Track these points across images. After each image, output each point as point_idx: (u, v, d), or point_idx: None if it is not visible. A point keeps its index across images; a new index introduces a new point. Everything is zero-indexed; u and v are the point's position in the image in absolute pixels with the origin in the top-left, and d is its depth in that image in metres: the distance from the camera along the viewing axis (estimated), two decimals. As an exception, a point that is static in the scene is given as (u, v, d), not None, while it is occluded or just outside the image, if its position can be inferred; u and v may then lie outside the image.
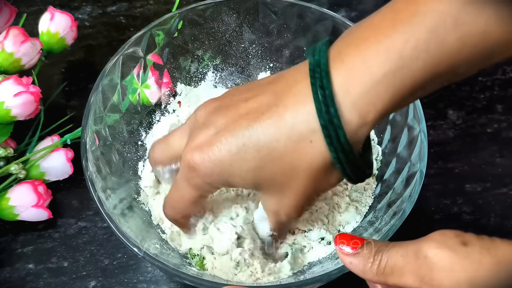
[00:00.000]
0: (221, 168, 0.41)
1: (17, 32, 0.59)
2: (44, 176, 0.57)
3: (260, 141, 0.39)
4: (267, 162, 0.40)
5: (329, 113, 0.37)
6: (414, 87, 0.37)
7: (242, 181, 0.41)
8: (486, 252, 0.34)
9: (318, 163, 0.39)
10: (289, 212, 0.43)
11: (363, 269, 0.38)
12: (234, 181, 0.41)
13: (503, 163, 0.62)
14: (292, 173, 0.40)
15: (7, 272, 0.56)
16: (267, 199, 0.43)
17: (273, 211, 0.44)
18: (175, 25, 0.56)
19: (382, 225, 0.49)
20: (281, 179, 0.41)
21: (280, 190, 0.41)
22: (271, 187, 0.41)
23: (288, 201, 0.42)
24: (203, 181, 0.42)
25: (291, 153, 0.39)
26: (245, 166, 0.40)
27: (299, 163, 0.39)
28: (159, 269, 0.48)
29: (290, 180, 0.40)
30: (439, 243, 0.35)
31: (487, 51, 0.36)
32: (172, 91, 0.60)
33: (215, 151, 0.40)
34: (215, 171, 0.41)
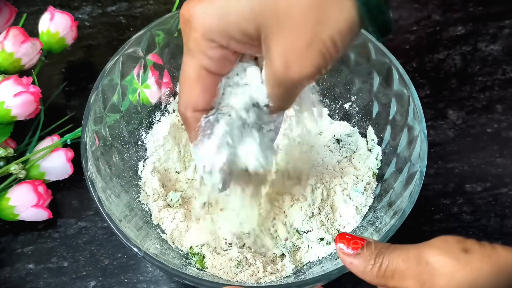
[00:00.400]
0: (217, 9, 0.35)
1: (17, 32, 0.59)
2: (44, 176, 0.57)
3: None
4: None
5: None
6: None
7: (241, 19, 0.35)
8: (487, 260, 0.34)
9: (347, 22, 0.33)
10: (292, 59, 0.35)
11: (363, 270, 0.38)
12: (233, 21, 0.35)
13: (503, 163, 0.62)
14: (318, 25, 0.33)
15: (7, 272, 0.56)
16: (269, 47, 0.35)
17: (274, 60, 0.36)
18: (175, 25, 0.56)
19: (382, 225, 0.49)
20: (284, 8, 0.34)
21: (282, 27, 0.34)
22: (273, 25, 0.34)
23: (290, 41, 0.34)
24: (200, 35, 0.36)
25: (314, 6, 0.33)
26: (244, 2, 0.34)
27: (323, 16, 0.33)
28: (159, 269, 0.48)
29: (293, 7, 0.34)
30: (441, 250, 0.35)
31: None
32: (172, 91, 0.60)
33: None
34: (210, 14, 0.36)
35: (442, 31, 0.70)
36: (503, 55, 0.68)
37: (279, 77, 0.36)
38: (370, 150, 0.57)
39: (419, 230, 0.58)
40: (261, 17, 0.35)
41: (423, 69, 0.67)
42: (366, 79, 0.56)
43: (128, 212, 0.51)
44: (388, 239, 0.45)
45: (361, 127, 0.58)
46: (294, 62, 0.35)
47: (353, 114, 0.59)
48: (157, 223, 0.53)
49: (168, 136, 0.58)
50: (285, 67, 0.35)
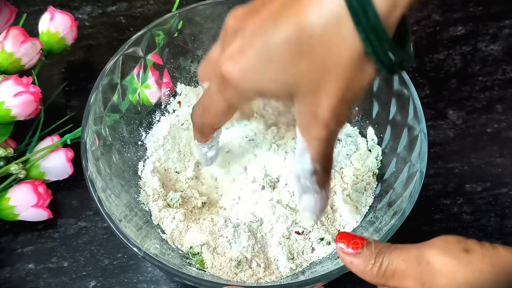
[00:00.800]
0: (252, 73, 0.38)
1: (17, 32, 0.59)
2: (44, 176, 0.57)
3: (288, 38, 0.36)
4: (297, 58, 0.36)
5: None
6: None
7: (274, 84, 0.38)
8: (488, 261, 0.34)
9: (349, 51, 0.35)
10: (327, 116, 0.38)
11: (363, 269, 0.38)
12: (266, 86, 0.38)
13: (503, 163, 0.62)
14: (324, 66, 0.36)
15: (7, 272, 0.56)
16: (301, 105, 0.39)
17: (310, 119, 0.39)
18: (175, 25, 0.56)
19: (382, 225, 0.49)
20: (313, 75, 0.37)
21: (313, 90, 0.37)
22: (303, 88, 0.38)
23: (324, 102, 0.37)
24: (235, 92, 0.40)
25: (320, 45, 0.36)
26: (275, 67, 0.37)
27: (330, 54, 0.36)
28: (159, 269, 0.48)
29: (323, 75, 0.37)
30: (442, 250, 0.35)
31: None
32: (172, 91, 0.60)
33: (245, 57, 0.38)
34: (246, 78, 0.39)
35: (442, 31, 0.70)
36: (503, 55, 0.68)
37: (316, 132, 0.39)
38: (370, 150, 0.57)
39: (419, 230, 0.58)
40: (293, 88, 0.38)
41: (423, 69, 0.67)
42: (366, 79, 0.56)
43: (128, 212, 0.51)
44: (388, 239, 0.45)
45: (361, 127, 0.58)
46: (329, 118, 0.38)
47: (353, 114, 0.59)
48: (157, 223, 0.53)
49: (168, 136, 0.58)
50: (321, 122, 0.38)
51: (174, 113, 0.60)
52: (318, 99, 0.38)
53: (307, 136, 0.40)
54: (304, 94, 0.38)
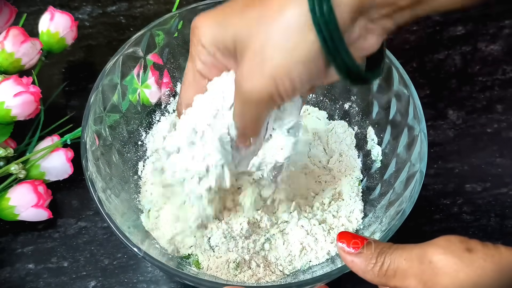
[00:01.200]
0: (216, 22, 0.40)
1: (17, 32, 0.59)
2: (44, 176, 0.57)
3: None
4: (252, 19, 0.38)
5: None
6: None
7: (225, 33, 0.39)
8: (490, 260, 0.34)
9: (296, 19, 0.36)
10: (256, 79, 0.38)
11: (364, 269, 0.38)
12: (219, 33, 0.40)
13: (503, 163, 0.62)
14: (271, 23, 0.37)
15: (7, 272, 0.56)
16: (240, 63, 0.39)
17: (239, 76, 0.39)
18: (175, 25, 0.56)
19: (382, 225, 0.49)
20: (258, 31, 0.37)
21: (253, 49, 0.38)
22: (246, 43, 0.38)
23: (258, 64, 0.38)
24: (198, 41, 0.42)
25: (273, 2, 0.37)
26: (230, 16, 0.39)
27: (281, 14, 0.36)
28: (159, 269, 0.48)
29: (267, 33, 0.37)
30: (444, 249, 0.35)
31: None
32: (172, 91, 0.60)
33: (213, 11, 0.41)
34: (207, 23, 0.41)
35: (442, 31, 0.70)
36: (503, 55, 0.68)
37: (237, 90, 0.40)
38: (370, 151, 0.57)
39: (419, 230, 0.58)
40: (239, 39, 0.39)
41: (423, 69, 0.67)
42: (366, 79, 0.56)
43: (128, 212, 0.51)
44: (388, 239, 0.45)
45: (361, 127, 0.58)
46: (247, 76, 0.38)
47: (353, 114, 0.59)
48: (157, 223, 0.53)
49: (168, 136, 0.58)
50: (241, 80, 0.39)
51: (174, 113, 0.60)
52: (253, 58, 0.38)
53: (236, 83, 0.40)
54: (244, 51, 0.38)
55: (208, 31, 0.41)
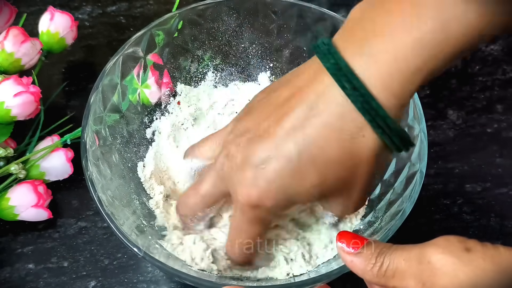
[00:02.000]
0: (284, 193, 0.40)
1: (17, 32, 0.59)
2: (44, 176, 0.57)
3: (312, 153, 0.39)
4: (326, 170, 0.40)
5: (372, 107, 0.37)
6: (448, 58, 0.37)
7: (308, 196, 0.41)
8: (489, 260, 0.34)
9: (374, 151, 0.39)
10: (357, 204, 0.44)
11: (364, 269, 0.38)
12: (300, 199, 0.41)
13: (503, 163, 0.62)
14: (354, 170, 0.40)
15: (7, 272, 0.56)
16: (333, 204, 0.44)
17: (342, 210, 0.44)
18: (175, 25, 0.56)
19: (382, 225, 0.49)
20: (345, 181, 0.41)
21: (346, 190, 0.42)
22: (336, 192, 0.42)
23: (356, 195, 0.42)
24: (269, 213, 0.42)
25: (347, 153, 0.39)
26: (307, 181, 0.40)
27: (358, 159, 0.39)
28: (159, 269, 0.48)
29: (354, 177, 0.40)
30: (443, 249, 0.35)
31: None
32: (172, 91, 0.60)
33: (271, 180, 0.40)
34: (279, 198, 0.41)
35: (442, 31, 0.70)
36: (503, 55, 0.68)
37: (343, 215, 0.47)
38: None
39: (419, 230, 0.58)
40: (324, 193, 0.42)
41: (423, 69, 0.67)
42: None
43: (128, 212, 0.51)
44: (388, 239, 0.45)
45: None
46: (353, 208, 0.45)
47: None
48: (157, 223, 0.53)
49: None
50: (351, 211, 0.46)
51: (174, 113, 0.60)
52: (351, 195, 0.42)
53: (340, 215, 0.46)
54: (336, 196, 0.42)
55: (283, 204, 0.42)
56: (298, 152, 0.39)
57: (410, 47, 0.36)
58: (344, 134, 0.38)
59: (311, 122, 0.39)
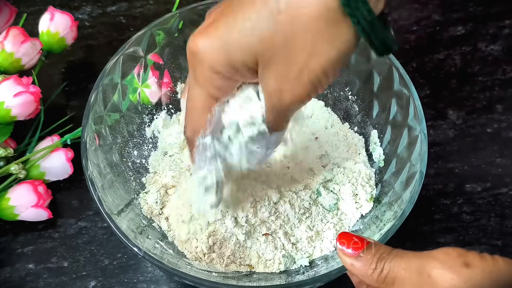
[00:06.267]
0: (222, 43, 0.38)
1: (17, 32, 0.59)
2: (44, 176, 0.57)
3: (257, 4, 0.36)
4: (265, 21, 0.36)
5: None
6: None
7: (243, 51, 0.37)
8: (488, 276, 0.34)
9: (321, 8, 0.35)
10: (286, 88, 0.38)
11: (364, 273, 0.38)
12: (235, 54, 0.38)
13: (503, 163, 0.62)
14: (291, 29, 0.36)
15: (7, 272, 0.56)
16: (265, 75, 0.38)
17: (269, 89, 0.39)
18: (175, 25, 0.56)
19: (382, 225, 0.49)
20: (280, 39, 0.36)
21: (278, 57, 0.37)
22: (268, 54, 0.37)
23: (285, 72, 0.37)
24: (206, 67, 0.39)
25: (290, 5, 0.35)
26: (244, 32, 0.37)
27: (299, 15, 0.35)
28: (159, 269, 0.48)
29: (288, 40, 0.36)
30: (442, 263, 0.35)
31: None
32: (172, 90, 0.60)
33: (213, 28, 0.38)
34: (215, 46, 0.38)
35: (442, 31, 0.70)
36: (503, 55, 0.68)
37: (273, 102, 0.39)
38: (372, 153, 0.57)
39: (419, 230, 0.58)
40: (259, 50, 0.37)
41: (423, 69, 0.67)
42: (366, 79, 0.56)
43: (128, 212, 0.51)
44: (388, 239, 0.45)
45: (361, 127, 0.58)
46: (285, 89, 0.38)
47: (353, 114, 0.59)
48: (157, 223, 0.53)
49: (168, 136, 0.58)
50: (278, 93, 0.39)
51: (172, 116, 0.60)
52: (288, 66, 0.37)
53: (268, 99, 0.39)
54: (274, 62, 0.37)
55: (220, 56, 0.38)
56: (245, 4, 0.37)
57: None
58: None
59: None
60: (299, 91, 0.38)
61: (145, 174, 0.57)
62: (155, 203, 0.54)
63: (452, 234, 0.58)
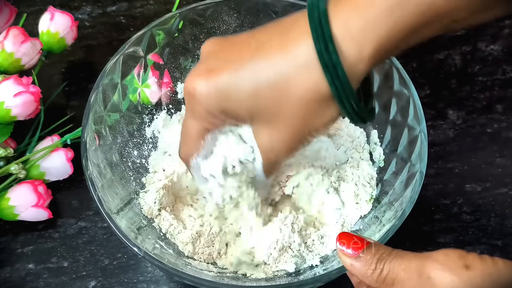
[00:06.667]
0: (218, 92, 0.41)
1: (17, 32, 0.59)
2: (44, 176, 0.57)
3: (258, 69, 0.40)
4: (263, 87, 0.40)
5: (327, 48, 0.38)
6: (410, 26, 0.37)
7: (238, 107, 0.42)
8: (488, 278, 0.34)
9: (313, 90, 0.39)
10: (278, 148, 0.43)
11: (364, 274, 0.38)
12: (231, 106, 0.42)
13: (503, 163, 0.62)
14: (286, 100, 0.40)
15: (7, 272, 0.56)
16: (259, 132, 0.43)
17: (264, 147, 0.44)
18: (175, 24, 0.56)
19: (382, 225, 0.49)
20: (275, 106, 0.41)
21: (272, 120, 0.42)
22: (263, 116, 0.42)
23: (278, 134, 0.42)
24: (202, 108, 0.43)
25: (287, 80, 0.40)
26: (242, 91, 0.41)
27: (294, 89, 0.40)
28: (159, 269, 0.48)
29: (283, 109, 0.41)
30: (442, 265, 0.35)
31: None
32: (172, 90, 0.60)
33: (213, 76, 0.41)
34: (212, 94, 0.41)
35: (442, 31, 0.70)
36: (503, 55, 0.68)
37: (267, 157, 0.45)
38: (372, 153, 0.57)
39: (419, 230, 0.58)
40: (253, 110, 0.42)
41: (423, 69, 0.67)
42: (366, 79, 0.56)
43: (128, 211, 0.51)
44: (388, 239, 0.46)
45: (361, 127, 0.58)
46: (277, 149, 0.44)
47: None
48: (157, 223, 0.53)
49: (168, 136, 0.58)
50: (271, 151, 0.44)
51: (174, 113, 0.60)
52: (274, 129, 0.42)
53: (261, 154, 0.45)
54: (262, 122, 0.42)
55: (215, 103, 0.42)
56: (248, 62, 0.41)
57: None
58: (292, 62, 0.39)
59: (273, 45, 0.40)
60: (289, 150, 0.44)
61: (145, 174, 0.57)
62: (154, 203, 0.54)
63: (452, 234, 0.58)
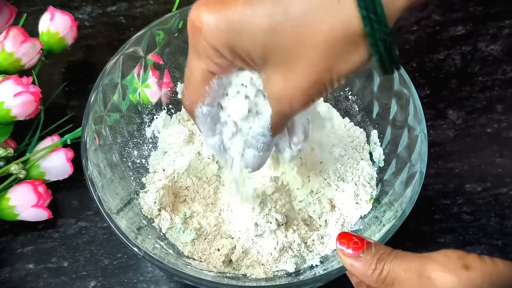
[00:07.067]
0: (228, 24, 0.35)
1: (17, 32, 0.59)
2: (44, 176, 0.57)
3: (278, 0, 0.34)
4: (283, 22, 0.34)
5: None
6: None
7: (251, 44, 0.35)
8: (488, 279, 0.34)
9: (342, 28, 0.34)
10: (294, 95, 0.37)
11: (364, 274, 0.38)
12: (242, 43, 0.35)
13: (503, 163, 0.62)
14: (309, 38, 0.34)
15: (7, 272, 0.56)
16: (271, 77, 0.37)
17: (276, 94, 0.38)
18: (175, 24, 0.56)
19: (382, 225, 0.49)
20: (294, 46, 0.35)
21: (289, 62, 0.35)
22: (280, 57, 0.35)
23: (296, 79, 0.36)
24: (208, 45, 0.36)
25: (312, 14, 0.34)
26: (256, 25, 0.34)
27: (320, 25, 0.34)
28: (159, 269, 0.48)
29: (305, 48, 0.35)
30: (442, 266, 0.35)
31: None
32: (172, 90, 0.60)
33: (223, 6, 0.35)
34: (221, 28, 0.35)
35: (442, 31, 0.70)
36: (503, 55, 0.68)
37: (279, 107, 0.38)
38: (372, 153, 0.57)
39: (419, 230, 0.58)
40: (268, 46, 0.35)
41: (423, 69, 0.67)
42: (366, 79, 0.56)
43: (128, 211, 0.51)
44: (388, 239, 0.46)
45: (361, 127, 0.58)
46: (293, 97, 0.37)
47: (353, 114, 0.59)
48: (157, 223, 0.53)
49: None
50: (285, 99, 0.37)
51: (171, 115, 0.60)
52: (291, 73, 0.36)
53: (271, 104, 0.39)
54: (278, 64, 0.36)
55: (224, 38, 0.36)
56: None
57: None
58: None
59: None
60: (307, 99, 0.37)
61: (145, 174, 0.57)
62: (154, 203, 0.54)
63: (452, 234, 0.58)
